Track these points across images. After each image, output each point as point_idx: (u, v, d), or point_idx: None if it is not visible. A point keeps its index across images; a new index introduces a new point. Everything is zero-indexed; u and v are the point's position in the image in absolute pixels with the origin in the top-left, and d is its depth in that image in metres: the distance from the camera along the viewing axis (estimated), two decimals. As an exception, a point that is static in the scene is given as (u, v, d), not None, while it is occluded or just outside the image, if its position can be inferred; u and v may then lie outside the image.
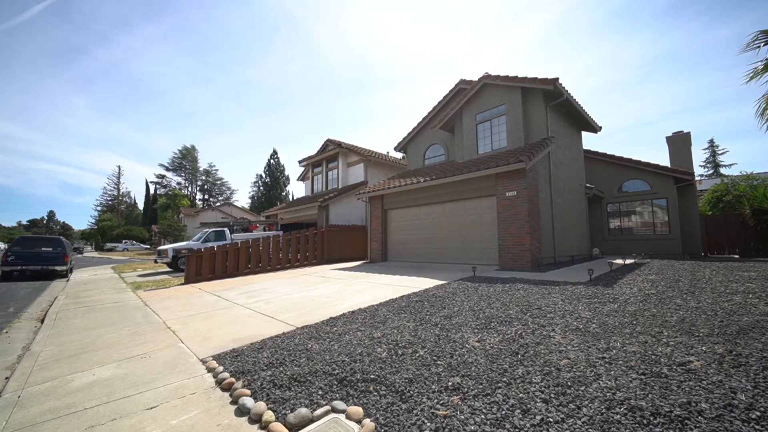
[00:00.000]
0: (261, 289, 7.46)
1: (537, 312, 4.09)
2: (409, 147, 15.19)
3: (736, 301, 4.30)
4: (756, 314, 3.66)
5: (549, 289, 5.37)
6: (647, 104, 78.16)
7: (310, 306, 5.38)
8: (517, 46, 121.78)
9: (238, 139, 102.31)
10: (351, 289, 6.77)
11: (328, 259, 13.54)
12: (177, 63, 74.21)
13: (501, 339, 3.24)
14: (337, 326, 4.05)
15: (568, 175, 11.58)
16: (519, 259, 8.55)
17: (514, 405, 2.06)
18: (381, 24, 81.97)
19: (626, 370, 2.42)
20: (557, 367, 2.55)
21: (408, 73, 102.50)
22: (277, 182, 48.02)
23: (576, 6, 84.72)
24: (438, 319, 4.07)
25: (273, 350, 3.34)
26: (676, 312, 3.85)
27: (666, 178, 13.05)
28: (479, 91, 11.57)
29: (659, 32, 69.39)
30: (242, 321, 4.69)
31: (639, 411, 1.90)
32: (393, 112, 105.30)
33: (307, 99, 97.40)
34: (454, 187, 10.44)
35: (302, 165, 20.89)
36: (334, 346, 3.35)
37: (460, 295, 5.35)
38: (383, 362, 2.86)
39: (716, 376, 2.27)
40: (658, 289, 5.20)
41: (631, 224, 13.99)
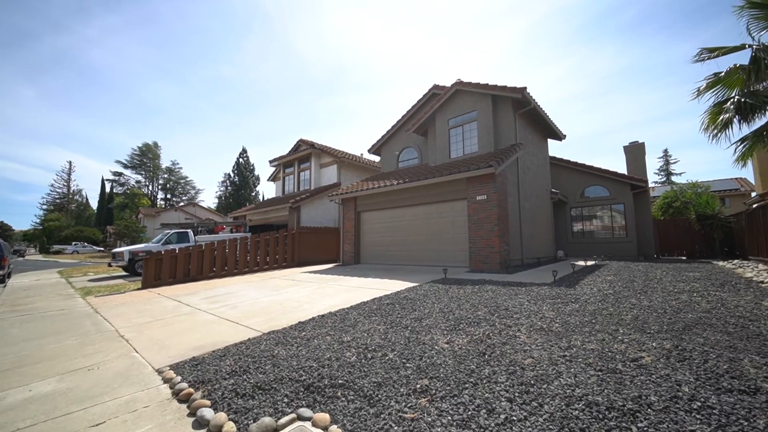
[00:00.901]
0: (226, 293, 7.14)
1: (504, 313, 4.20)
2: (383, 149, 15.24)
3: (682, 299, 4.64)
4: (699, 311, 3.97)
5: (516, 290, 5.55)
6: (610, 114, 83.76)
7: (278, 310, 5.21)
8: (491, 53, 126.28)
9: (206, 137, 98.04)
10: (322, 292, 6.64)
11: (299, 262, 13.24)
12: (140, 55, 69.92)
13: (469, 340, 3.29)
14: (305, 331, 3.94)
15: (535, 180, 12.08)
16: (489, 261, 8.79)
17: (480, 405, 2.08)
18: (357, 26, 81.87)
19: (585, 367, 2.52)
20: (522, 366, 2.61)
21: (384, 76, 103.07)
22: (246, 182, 46.51)
23: (547, 19, 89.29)
24: (409, 321, 4.07)
25: (237, 357, 3.19)
26: (631, 311, 4.10)
27: (623, 184, 13.97)
28: (452, 96, 11.83)
29: (623, 47, 74.70)
30: (204, 327, 4.45)
31: (595, 406, 1.98)
32: (368, 115, 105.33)
33: (280, 98, 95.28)
34: (426, 190, 10.57)
35: (273, 165, 20.37)
36: (302, 351, 3.25)
37: (431, 297, 5.40)
38: (352, 366, 2.80)
39: (664, 370, 2.42)
40: (615, 289, 5.52)
41: (592, 228, 14.83)
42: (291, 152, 19.62)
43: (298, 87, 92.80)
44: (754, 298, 4.59)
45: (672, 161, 43.66)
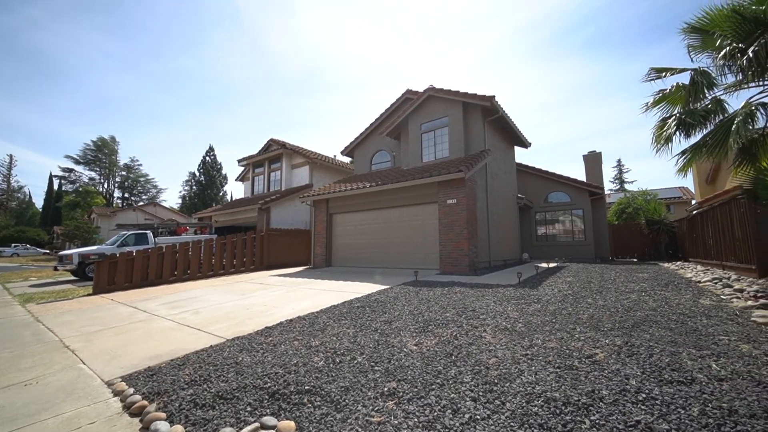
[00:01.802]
0: (188, 298, 6.78)
1: (471, 314, 4.31)
2: (357, 152, 15.20)
3: (632, 298, 5.00)
4: (646, 310, 4.29)
5: (483, 292, 5.72)
6: (572, 125, 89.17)
7: (244, 315, 5.02)
8: (463, 62, 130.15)
9: (170, 134, 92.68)
10: (291, 296, 6.49)
11: (268, 265, 12.87)
12: (94, 42, 64.63)
13: (437, 341, 3.34)
14: (272, 336, 3.82)
15: (502, 185, 12.55)
16: (458, 264, 9.00)
17: (445, 406, 2.12)
18: (333, 26, 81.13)
19: (545, 365, 2.64)
20: (486, 365, 2.69)
21: (358, 78, 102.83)
22: (213, 182, 44.62)
23: (515, 32, 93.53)
24: (378, 324, 4.07)
25: (197, 366, 3.03)
26: (587, 310, 4.35)
27: (582, 191, 14.86)
28: (424, 102, 12.04)
29: (584, 61, 79.76)
30: (162, 335, 4.20)
31: (553, 402, 2.08)
32: (342, 116, 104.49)
33: (251, 96, 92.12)
34: (399, 193, 10.66)
35: (242, 165, 19.70)
36: (267, 357, 3.15)
37: (402, 299, 5.43)
38: (320, 371, 2.76)
39: (615, 365, 2.59)
40: (574, 289, 5.84)
41: (555, 231, 15.63)
42: (261, 152, 19.08)
43: (270, 85, 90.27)
44: (693, 297, 5.04)
45: (625, 170, 47.16)
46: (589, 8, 69.46)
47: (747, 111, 5.36)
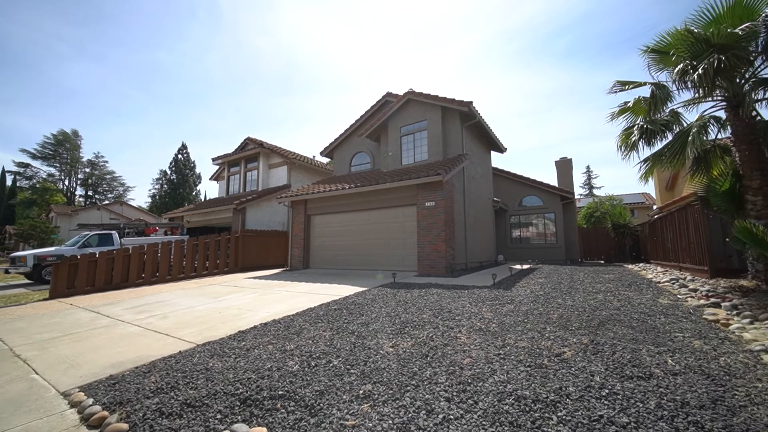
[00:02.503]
0: (156, 302, 6.48)
1: (447, 315, 4.38)
2: (336, 153, 15.11)
3: (599, 298, 5.25)
4: (611, 309, 4.51)
5: (459, 293, 5.82)
6: (545, 131, 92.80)
7: (216, 319, 4.85)
8: (442, 66, 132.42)
9: (140, 129, 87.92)
10: (266, 299, 6.34)
11: (243, 267, 12.52)
12: (56, 30, 60.49)
13: (414, 343, 3.36)
14: (245, 340, 3.72)
15: (479, 189, 12.85)
16: (436, 266, 9.11)
17: (420, 407, 2.14)
18: (314, 26, 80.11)
19: (516, 364, 2.72)
20: (461, 366, 2.74)
21: (339, 79, 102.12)
22: (185, 180, 42.94)
23: (491, 40, 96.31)
24: (355, 326, 4.05)
25: (164, 373, 2.90)
26: (557, 310, 4.52)
27: (554, 195, 15.46)
28: (404, 105, 12.15)
29: (558, 71, 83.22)
30: (127, 341, 3.99)
31: (523, 400, 2.14)
32: (322, 117, 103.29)
33: (228, 92, 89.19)
34: (378, 195, 10.68)
35: (217, 163, 19.10)
36: (240, 362, 3.06)
37: (379, 301, 5.44)
38: (294, 376, 2.71)
39: (582, 362, 2.70)
40: (545, 290, 6.06)
41: (529, 234, 16.16)
42: (237, 150, 18.57)
43: (249, 83, 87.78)
44: (652, 297, 5.36)
45: (594, 176, 49.54)
46: (563, 21, 72.69)
47: (701, 123, 5.78)
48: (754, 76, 5.58)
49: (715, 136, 6.24)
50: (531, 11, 69.10)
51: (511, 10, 70.12)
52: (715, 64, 4.82)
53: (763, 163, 5.48)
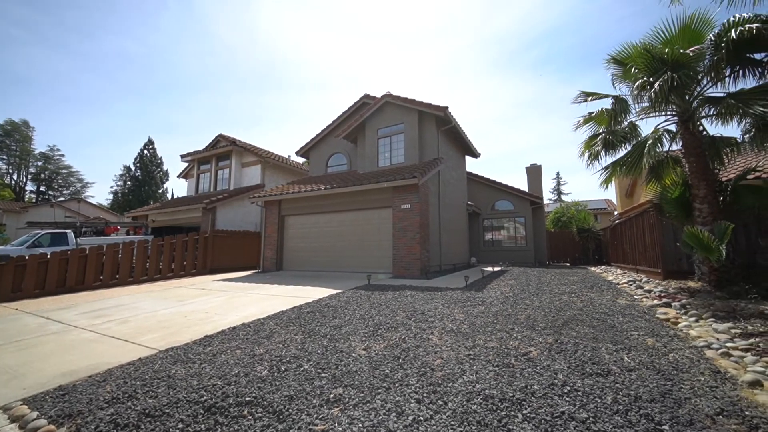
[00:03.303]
0: (116, 306, 6.10)
1: (420, 317, 4.43)
2: (312, 153, 14.92)
3: (564, 299, 5.49)
4: (574, 309, 4.74)
5: (432, 295, 5.90)
6: (517, 138, 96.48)
7: (181, 324, 4.63)
8: (420, 71, 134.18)
9: (102, 122, 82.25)
10: (236, 302, 6.13)
11: (213, 269, 12.05)
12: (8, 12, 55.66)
13: (386, 345, 3.37)
14: (212, 345, 3.58)
15: (453, 192, 13.12)
16: (410, 268, 9.19)
17: (390, 409, 2.14)
18: (292, 23, 78.49)
19: (485, 364, 2.79)
20: (432, 367, 2.78)
21: (316, 79, 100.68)
22: (151, 177, 40.81)
23: (468, 48, 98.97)
24: (328, 329, 4.00)
25: (121, 381, 2.73)
26: (525, 311, 4.69)
27: (525, 200, 16.06)
28: (381, 107, 12.21)
29: (528, 81, 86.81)
30: (80, 348, 3.72)
31: (491, 399, 2.20)
32: (299, 116, 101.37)
33: (199, 87, 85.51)
34: (354, 197, 10.64)
35: (186, 160, 18.30)
36: (205, 368, 2.94)
37: (353, 303, 5.41)
38: (263, 381, 2.63)
39: (546, 361, 2.82)
40: (514, 292, 6.27)
41: (500, 237, 16.66)
42: (208, 148, 17.88)
43: (222, 78, 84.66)
44: (612, 297, 5.68)
45: (562, 182, 51.96)
46: (534, 33, 75.92)
47: (656, 136, 6.22)
48: (701, 94, 6.08)
49: (668, 147, 6.73)
50: (504, 23, 71.63)
51: (485, 20, 72.36)
52: (668, 81, 5.21)
53: (708, 174, 5.97)
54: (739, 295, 5.08)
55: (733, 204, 5.98)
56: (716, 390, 2.27)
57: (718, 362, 2.79)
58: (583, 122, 7.34)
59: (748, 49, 5.37)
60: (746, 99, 5.20)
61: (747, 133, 5.89)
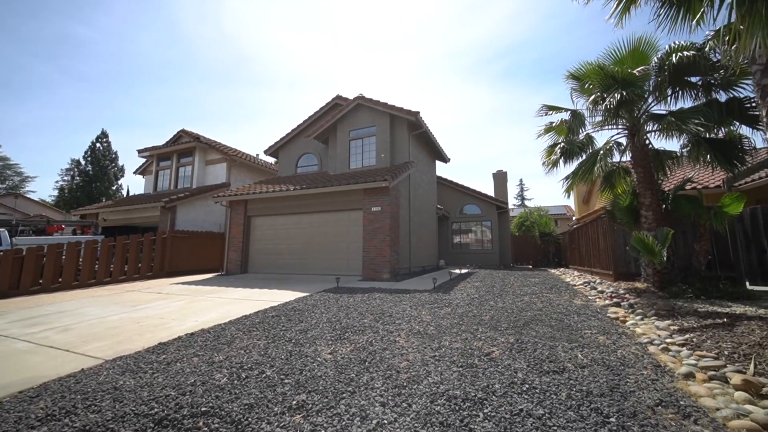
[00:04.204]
0: (56, 312, 5.56)
1: (388, 319, 4.43)
2: (282, 152, 14.55)
3: (525, 300, 5.74)
4: (535, 310, 4.96)
5: (401, 297, 5.94)
6: (485, 145, 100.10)
7: (132, 331, 4.31)
8: (395, 73, 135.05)
9: (46, 111, 75.01)
10: (195, 306, 5.81)
11: (171, 272, 11.36)
12: (-65, -18, 49.00)
13: (353, 348, 3.33)
14: (167, 353, 3.35)
15: (424, 196, 13.33)
16: (380, 270, 9.20)
17: (354, 413, 2.11)
18: (262, 18, 76.13)
19: (450, 365, 2.84)
20: (397, 369, 2.78)
21: (287, 77, 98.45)
22: (104, 173, 37.83)
23: (440, 55, 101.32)
24: (293, 333, 3.89)
25: (58, 396, 2.48)
26: (489, 312, 4.84)
27: (491, 205, 16.65)
28: (354, 109, 12.17)
29: (498, 90, 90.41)
30: (10, 360, 3.34)
31: (454, 399, 2.24)
32: (268, 115, 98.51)
33: (160, 79, 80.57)
34: (324, 198, 10.50)
35: (144, 156, 17.16)
36: (157, 378, 2.75)
37: (321, 306, 5.31)
38: (221, 390, 2.50)
39: (507, 360, 2.92)
40: (480, 293, 6.46)
41: (468, 240, 17.15)
42: (169, 143, 16.90)
43: (186, 71, 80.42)
44: (569, 298, 6.02)
45: (526, 189, 54.55)
46: (502, 45, 79.42)
47: (608, 147, 6.70)
48: (647, 111, 6.64)
49: (619, 159, 7.28)
50: (475, 33, 74.34)
51: (458, 29, 74.75)
52: (618, 97, 5.64)
53: (653, 184, 6.52)
54: (678, 294, 5.57)
55: (674, 212, 6.56)
56: (656, 383, 2.46)
57: (658, 357, 3.03)
58: (544, 132, 7.76)
59: (686, 73, 5.95)
60: (684, 117, 5.75)
61: (685, 147, 6.51)
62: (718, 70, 5.64)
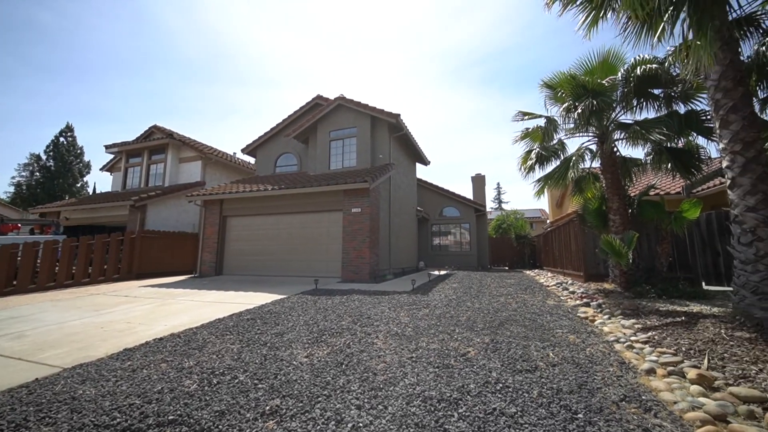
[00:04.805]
0: (9, 318, 5.18)
1: (366, 321, 4.42)
2: (260, 151, 14.24)
3: (501, 301, 5.88)
4: (510, 310, 5.09)
5: (380, 299, 5.94)
6: (464, 148, 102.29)
7: (95, 336, 4.07)
8: (376, 74, 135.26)
9: (5, 101, 70.04)
10: (165, 309, 5.57)
11: (141, 274, 10.85)
12: None
13: (330, 351, 3.30)
14: (132, 360, 3.19)
15: (404, 198, 13.41)
16: (359, 272, 9.16)
17: (330, 417, 2.08)
18: (242, 13, 74.15)
19: (426, 366, 2.86)
20: (374, 371, 2.77)
21: (267, 75, 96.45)
22: (68, 169, 35.66)
23: (421, 59, 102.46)
24: (269, 337, 3.80)
25: (8, 408, 2.30)
26: (466, 312, 4.92)
27: (470, 207, 16.98)
28: (334, 110, 12.09)
29: (477, 95, 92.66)
30: (-45, 370, 3.07)
31: (430, 400, 2.26)
32: (246, 112, 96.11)
33: (132, 71, 76.72)
34: (304, 199, 10.35)
35: (112, 152, 16.31)
36: (121, 386, 2.60)
37: (298, 309, 5.22)
38: (191, 396, 2.40)
39: (483, 360, 2.97)
40: (457, 294, 6.56)
41: (447, 242, 17.39)
42: (140, 139, 16.15)
43: (160, 64, 77.03)
44: (542, 298, 6.22)
45: (503, 192, 55.97)
46: (484, 51, 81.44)
47: (579, 153, 7.00)
48: (615, 120, 6.99)
49: (589, 165, 7.62)
50: (457, 38, 75.83)
51: (440, 34, 76.01)
52: (590, 106, 5.90)
53: (620, 189, 6.86)
54: (642, 294, 5.88)
55: (639, 216, 6.93)
56: (621, 379, 2.58)
57: (624, 354, 3.18)
58: (520, 138, 8.01)
59: (650, 85, 6.31)
60: (648, 127, 6.09)
61: (649, 155, 6.89)
62: (678, 84, 6.03)
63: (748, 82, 4.52)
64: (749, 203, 3.70)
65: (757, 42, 4.80)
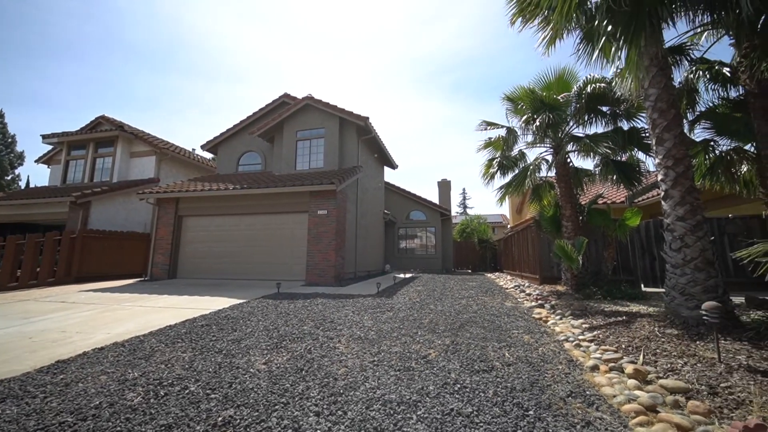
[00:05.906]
0: None
1: (329, 325, 4.35)
2: (222, 149, 13.61)
3: (462, 303, 6.05)
4: (470, 312, 5.25)
5: (344, 303, 5.88)
6: (432, 153, 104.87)
7: (22, 348, 3.64)
8: (347, 77, 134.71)
9: None
10: (108, 316, 5.12)
11: (81, 278, 9.90)
12: None
13: (290, 357, 3.20)
14: (66, 373, 2.89)
15: (371, 201, 13.43)
16: (324, 275, 9.02)
17: (287, 426, 2.02)
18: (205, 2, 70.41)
19: (388, 369, 2.87)
20: (335, 377, 2.73)
21: (232, 68, 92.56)
22: (-3, 160, 31.71)
23: (393, 63, 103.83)
24: (225, 344, 3.62)
25: None
26: (429, 315, 5.01)
27: (436, 212, 17.36)
28: (302, 109, 11.87)
29: (448, 102, 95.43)
30: None
31: (390, 403, 2.26)
32: (208, 107, 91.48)
33: (76, 55, 70.06)
34: (268, 200, 10.03)
35: (50, 142, 14.77)
36: (51, 403, 2.34)
37: (258, 314, 5.03)
38: (134, 411, 2.22)
39: (443, 362, 3.03)
40: (421, 297, 6.66)
41: (413, 245, 17.64)
42: (85, 130, 14.80)
43: (108, 48, 71.02)
44: (501, 300, 6.49)
45: (468, 197, 57.93)
46: (453, 60, 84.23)
47: (536, 163, 7.42)
48: (568, 133, 7.50)
49: (545, 173, 8.11)
50: (427, 46, 77.77)
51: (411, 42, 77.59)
52: (546, 119, 6.29)
53: (572, 198, 7.36)
54: (590, 296, 6.32)
55: (588, 223, 7.47)
56: (569, 376, 2.75)
57: (572, 352, 3.40)
58: (484, 147, 8.35)
59: (599, 102, 6.86)
60: (596, 140, 6.61)
61: (597, 167, 7.46)
62: (622, 103, 6.60)
63: (680, 105, 5.05)
64: (679, 213, 4.12)
65: (686, 70, 5.39)
